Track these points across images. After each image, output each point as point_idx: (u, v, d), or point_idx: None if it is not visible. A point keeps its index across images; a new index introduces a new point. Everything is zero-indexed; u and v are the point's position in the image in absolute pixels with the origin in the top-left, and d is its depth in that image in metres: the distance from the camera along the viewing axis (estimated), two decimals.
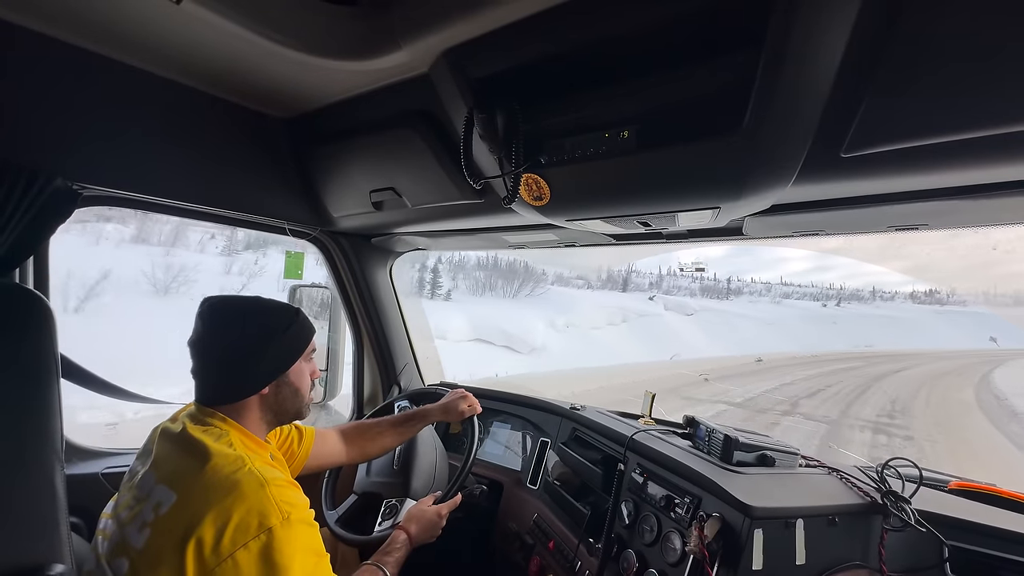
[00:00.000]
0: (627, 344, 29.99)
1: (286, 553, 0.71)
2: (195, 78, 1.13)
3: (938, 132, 0.66)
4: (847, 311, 63.42)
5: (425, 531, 1.14)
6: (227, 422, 0.87)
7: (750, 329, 42.55)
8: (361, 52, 0.91)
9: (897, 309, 73.61)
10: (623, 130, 0.79)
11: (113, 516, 0.82)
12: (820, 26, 0.61)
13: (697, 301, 47.44)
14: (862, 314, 63.70)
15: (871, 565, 0.98)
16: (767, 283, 65.43)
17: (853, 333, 52.62)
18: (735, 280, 62.08)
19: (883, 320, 62.98)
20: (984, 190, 0.79)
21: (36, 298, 0.95)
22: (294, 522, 0.74)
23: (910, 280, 77.26)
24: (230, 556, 0.69)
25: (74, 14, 0.89)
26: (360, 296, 1.92)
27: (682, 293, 52.12)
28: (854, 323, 57.40)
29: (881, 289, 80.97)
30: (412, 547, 1.10)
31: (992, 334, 63.82)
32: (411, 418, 1.37)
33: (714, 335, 38.07)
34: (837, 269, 63.37)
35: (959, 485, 1.17)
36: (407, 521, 1.14)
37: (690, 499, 1.05)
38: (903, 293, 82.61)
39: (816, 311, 58.48)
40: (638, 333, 33.30)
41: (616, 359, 23.31)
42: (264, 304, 0.93)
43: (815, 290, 70.63)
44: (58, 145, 1.05)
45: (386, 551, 1.05)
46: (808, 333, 46.88)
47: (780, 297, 60.11)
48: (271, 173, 1.42)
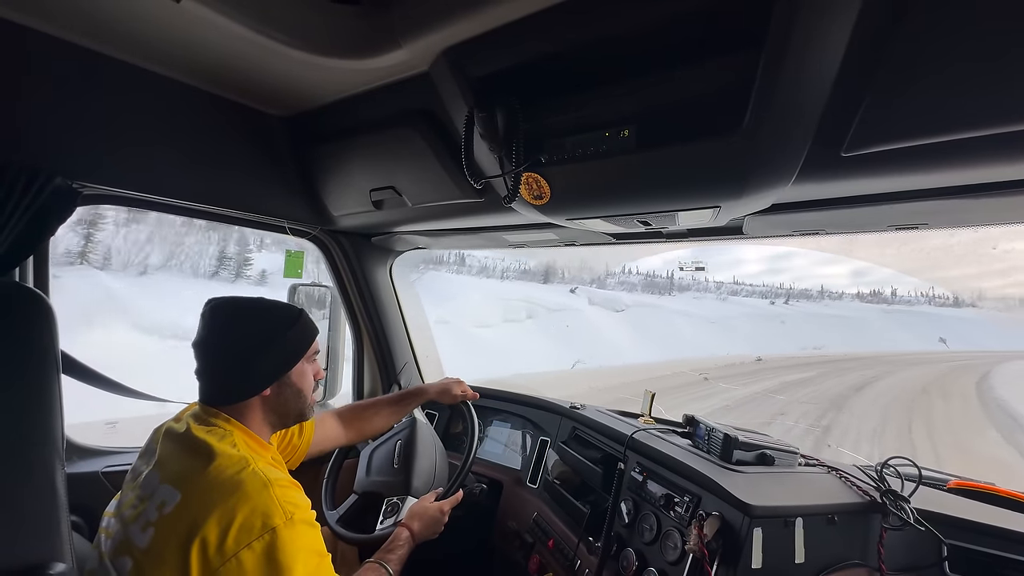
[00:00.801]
0: (526, 345, 23.48)
1: (289, 553, 0.72)
2: (196, 77, 1.13)
3: (938, 131, 0.66)
4: (796, 309, 58.89)
5: (427, 528, 1.14)
6: (231, 423, 0.88)
7: (688, 328, 36.83)
8: (361, 51, 0.91)
9: (846, 308, 68.57)
10: (623, 129, 0.79)
11: (116, 515, 0.83)
12: (821, 26, 0.61)
13: (634, 296, 42.10)
14: (811, 313, 58.19)
15: (870, 564, 0.98)
16: (719, 282, 61.00)
17: (802, 333, 47.74)
18: (687, 278, 56.32)
19: (833, 319, 57.05)
20: (984, 189, 0.79)
21: (37, 296, 0.95)
22: (297, 522, 0.75)
23: (858, 281, 76.38)
24: (234, 556, 0.70)
25: (75, 13, 0.89)
26: (360, 295, 1.92)
27: (621, 288, 45.82)
28: (803, 322, 51.96)
29: (829, 289, 76.12)
30: (415, 544, 1.10)
31: (941, 335, 60.88)
32: (406, 396, 1.41)
33: (644, 335, 31.92)
34: (790, 271, 62.29)
35: (958, 484, 1.17)
36: (409, 518, 1.14)
37: (690, 498, 1.05)
38: (850, 293, 78.64)
39: (764, 309, 53.56)
40: (546, 332, 26.55)
41: (497, 366, 17.27)
42: (267, 305, 0.93)
43: (765, 288, 66.65)
44: (58, 144, 1.05)
45: (389, 548, 1.05)
46: (754, 333, 42.27)
47: (727, 294, 54.74)
48: (271, 172, 1.42)
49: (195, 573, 0.69)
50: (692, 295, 50.67)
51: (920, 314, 77.76)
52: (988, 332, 77.46)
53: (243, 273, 21.55)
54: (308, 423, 1.22)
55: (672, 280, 51.27)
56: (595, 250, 1.53)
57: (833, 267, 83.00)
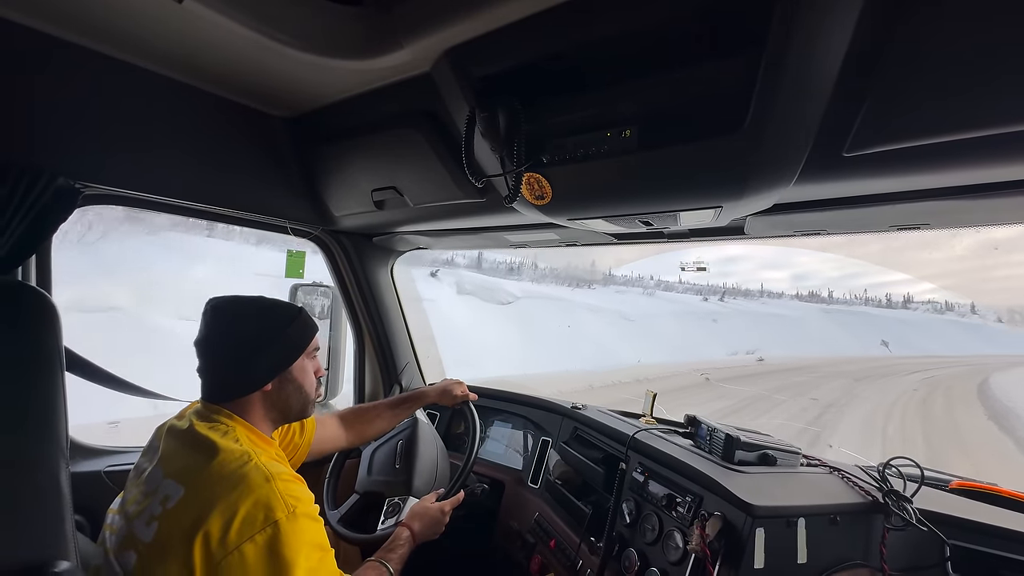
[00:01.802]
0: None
1: (291, 547, 0.72)
2: (197, 77, 1.13)
3: (940, 132, 0.66)
4: (730, 307, 50.24)
5: (428, 528, 1.14)
6: (233, 419, 0.89)
7: (594, 325, 27.59)
8: (363, 51, 0.92)
9: (784, 307, 61.47)
10: (625, 129, 0.79)
11: (120, 511, 0.84)
12: (822, 27, 0.61)
13: (538, 287, 31.93)
14: (747, 311, 50.06)
15: (872, 564, 0.98)
16: (658, 280, 52.16)
17: (735, 334, 39.80)
18: (613, 272, 47.58)
19: (770, 318, 49.80)
20: (986, 190, 0.79)
21: (40, 295, 0.95)
22: (299, 516, 0.75)
23: (798, 284, 73.01)
24: (236, 548, 0.70)
25: (76, 13, 0.89)
26: (361, 295, 1.92)
27: (532, 277, 34.96)
28: (737, 320, 44.43)
29: (769, 288, 70.27)
30: (415, 544, 1.10)
31: (882, 337, 56.63)
32: (407, 399, 1.42)
33: (528, 334, 22.00)
34: (736, 275, 58.81)
35: (960, 484, 1.17)
36: (410, 518, 1.14)
37: (692, 498, 1.05)
38: (789, 294, 73.17)
39: (695, 306, 44.36)
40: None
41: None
42: (266, 303, 0.95)
43: (700, 284, 58.46)
44: (60, 144, 1.06)
45: (390, 548, 1.06)
46: (677, 333, 33.72)
47: (655, 288, 45.32)
48: (273, 172, 1.42)
49: (198, 565, 0.70)
50: (615, 289, 41.17)
51: (859, 314, 72.30)
52: (927, 334, 72.36)
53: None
54: (310, 423, 1.23)
55: (595, 271, 41.35)
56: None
57: (775, 271, 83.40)
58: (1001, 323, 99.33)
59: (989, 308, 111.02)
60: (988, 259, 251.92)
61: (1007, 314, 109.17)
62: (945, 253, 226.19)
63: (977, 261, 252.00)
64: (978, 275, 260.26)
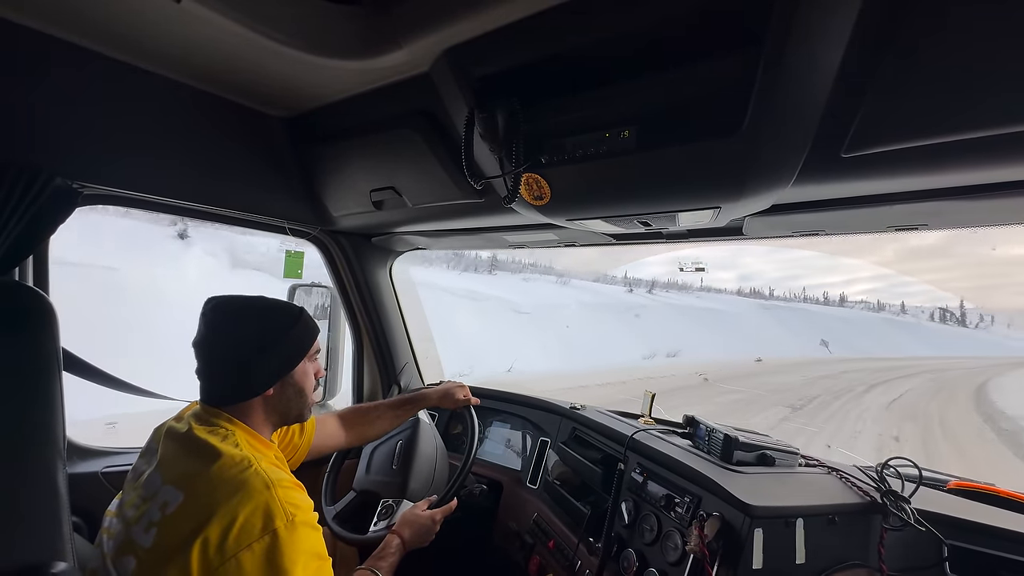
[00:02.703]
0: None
1: (289, 556, 0.72)
2: (195, 77, 1.13)
3: (938, 132, 0.66)
4: (659, 300, 42.82)
5: (418, 536, 1.13)
6: (233, 422, 0.87)
7: (467, 318, 20.12)
8: (362, 51, 0.91)
9: (721, 301, 53.95)
10: (624, 130, 0.79)
11: (118, 515, 0.83)
12: (820, 27, 0.61)
13: (415, 269, 14.70)
14: (678, 304, 42.71)
15: (871, 564, 0.98)
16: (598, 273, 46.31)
17: (658, 332, 31.15)
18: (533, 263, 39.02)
19: (702, 313, 42.63)
20: (984, 190, 0.79)
21: (37, 296, 0.95)
22: (298, 525, 0.75)
23: (743, 283, 69.91)
24: (234, 556, 0.70)
25: (74, 13, 0.89)
26: (360, 295, 1.92)
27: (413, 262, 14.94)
28: (664, 315, 36.57)
29: (710, 285, 64.31)
30: (405, 552, 1.10)
31: (822, 336, 51.65)
32: (409, 401, 1.40)
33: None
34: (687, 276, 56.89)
35: (958, 485, 1.17)
36: (400, 526, 1.13)
37: (690, 498, 1.05)
38: (731, 290, 68.26)
39: (617, 297, 38.02)
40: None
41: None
42: (268, 304, 0.93)
43: (630, 276, 51.99)
44: (58, 144, 1.05)
45: (380, 556, 1.05)
46: (586, 330, 25.92)
47: (569, 278, 38.07)
48: (271, 172, 1.42)
49: (196, 572, 0.69)
50: (523, 277, 33.62)
51: (799, 310, 65.77)
52: (867, 333, 66.50)
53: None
54: (310, 423, 1.22)
55: (495, 261, 32.92)
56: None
57: (725, 272, 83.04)
58: (933, 321, 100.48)
59: (916, 308, 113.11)
60: (908, 264, 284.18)
61: (938, 312, 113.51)
62: (878, 257, 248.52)
63: (901, 266, 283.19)
64: (902, 279, 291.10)
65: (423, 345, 2.11)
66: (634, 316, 33.65)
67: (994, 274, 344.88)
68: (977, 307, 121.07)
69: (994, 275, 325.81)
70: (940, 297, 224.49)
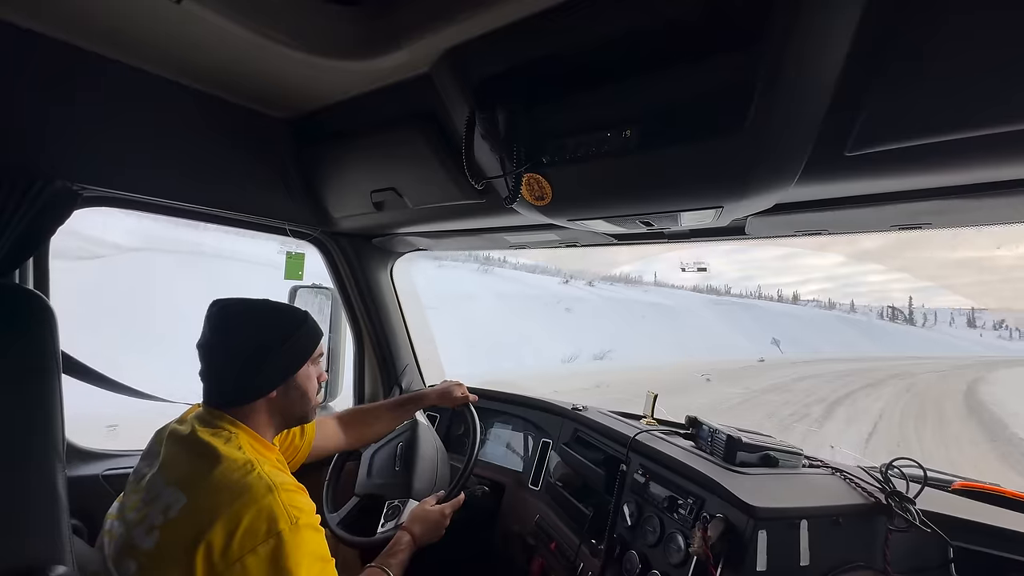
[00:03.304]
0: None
1: (294, 559, 0.72)
2: (196, 78, 1.13)
3: (943, 130, 0.66)
4: (598, 292, 37.80)
5: (429, 531, 1.13)
6: (236, 425, 0.88)
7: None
8: (362, 52, 0.91)
9: (670, 296, 47.60)
10: (625, 129, 0.78)
11: (119, 517, 0.83)
12: (823, 25, 0.61)
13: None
14: (620, 299, 37.52)
15: (876, 566, 0.98)
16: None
17: (587, 328, 26.61)
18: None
19: (648, 308, 37.39)
20: (990, 189, 0.79)
21: (37, 298, 0.95)
22: (302, 527, 0.75)
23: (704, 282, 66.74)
24: (239, 560, 0.70)
25: (74, 14, 0.89)
26: (361, 297, 1.91)
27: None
28: (598, 310, 31.47)
29: (664, 280, 58.85)
30: (416, 548, 1.10)
31: (774, 334, 45.95)
32: (407, 401, 1.42)
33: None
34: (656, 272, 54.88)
35: (964, 485, 1.16)
36: (411, 522, 1.14)
37: (693, 500, 1.04)
38: (687, 285, 63.67)
39: (550, 289, 32.43)
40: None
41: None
42: (273, 307, 0.93)
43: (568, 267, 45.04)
44: (57, 146, 1.05)
45: (390, 553, 1.05)
46: (499, 327, 20.97)
47: (493, 266, 31.64)
48: (272, 174, 1.42)
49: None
50: (438, 264, 25.76)
51: (751, 307, 59.72)
52: (816, 330, 60.86)
53: None
54: (310, 425, 1.22)
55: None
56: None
57: (687, 273, 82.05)
58: (883, 319, 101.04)
59: (865, 306, 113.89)
60: (859, 266, 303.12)
61: (888, 310, 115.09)
62: (831, 260, 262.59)
63: (852, 268, 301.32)
64: (853, 280, 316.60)
65: (424, 346, 2.10)
66: (564, 311, 28.20)
67: (934, 276, 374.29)
68: (920, 306, 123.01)
69: (933, 277, 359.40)
70: (887, 296, 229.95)
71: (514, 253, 19.31)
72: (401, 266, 2.03)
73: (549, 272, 39.80)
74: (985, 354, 58.29)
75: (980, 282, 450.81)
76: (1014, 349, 76.94)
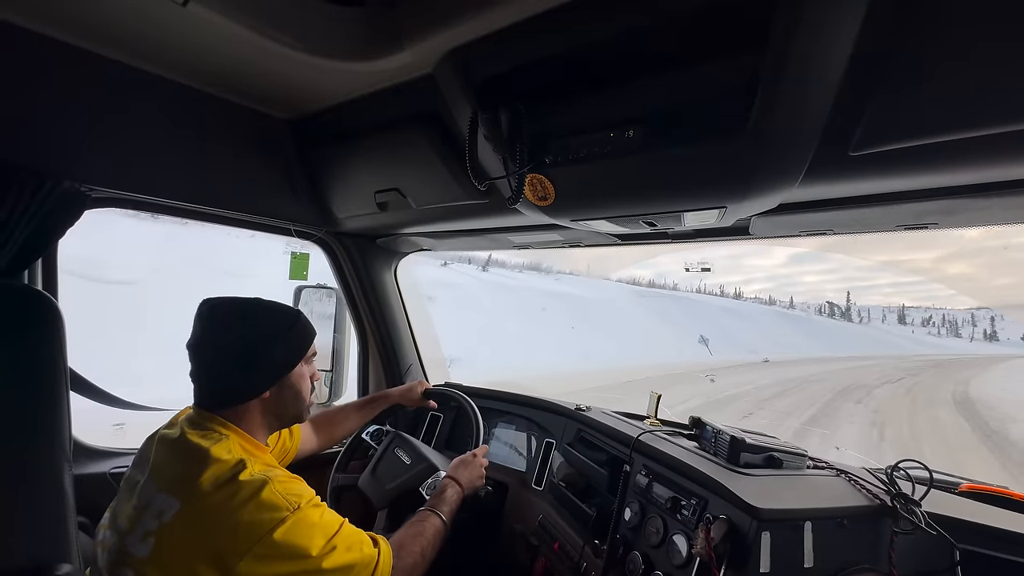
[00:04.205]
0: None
1: (305, 534, 0.74)
2: (201, 80, 1.13)
3: (948, 130, 0.65)
4: (492, 278, 31.60)
5: (473, 474, 1.21)
6: (227, 426, 0.86)
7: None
8: (365, 53, 0.92)
9: (589, 287, 41.36)
10: (629, 129, 0.78)
11: (111, 527, 0.81)
12: (827, 25, 0.61)
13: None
14: (513, 286, 31.78)
15: (881, 569, 0.97)
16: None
17: (458, 322, 21.86)
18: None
19: (550, 298, 32.23)
20: (996, 188, 0.78)
21: (45, 299, 0.96)
22: (304, 508, 0.76)
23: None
24: (248, 553, 0.70)
25: (80, 17, 0.90)
26: (365, 297, 1.92)
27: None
28: (478, 298, 26.05)
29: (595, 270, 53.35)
30: (464, 494, 1.15)
31: (703, 332, 40.19)
32: (373, 400, 1.49)
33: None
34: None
35: (970, 487, 1.15)
36: (453, 470, 1.18)
37: (696, 501, 1.04)
38: (614, 277, 57.50)
39: (427, 275, 25.01)
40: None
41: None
42: (265, 306, 0.92)
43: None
44: (65, 148, 1.06)
45: (439, 498, 1.08)
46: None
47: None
48: (276, 174, 1.42)
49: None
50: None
51: (681, 299, 52.76)
52: (755, 325, 54.37)
53: None
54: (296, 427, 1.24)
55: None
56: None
57: (642, 270, 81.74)
58: (822, 315, 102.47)
59: (804, 304, 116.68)
60: (795, 267, 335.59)
61: (827, 307, 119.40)
62: (772, 261, 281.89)
63: (790, 269, 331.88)
64: (792, 279, 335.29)
65: (428, 346, 2.11)
66: (427, 299, 16.97)
67: (863, 277, 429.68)
68: (854, 304, 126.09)
69: (863, 278, 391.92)
70: (823, 294, 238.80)
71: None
72: (405, 266, 2.03)
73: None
74: (928, 353, 53.34)
75: (897, 283, 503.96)
76: (947, 346, 74.65)
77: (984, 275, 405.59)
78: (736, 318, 55.60)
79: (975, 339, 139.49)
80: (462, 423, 1.91)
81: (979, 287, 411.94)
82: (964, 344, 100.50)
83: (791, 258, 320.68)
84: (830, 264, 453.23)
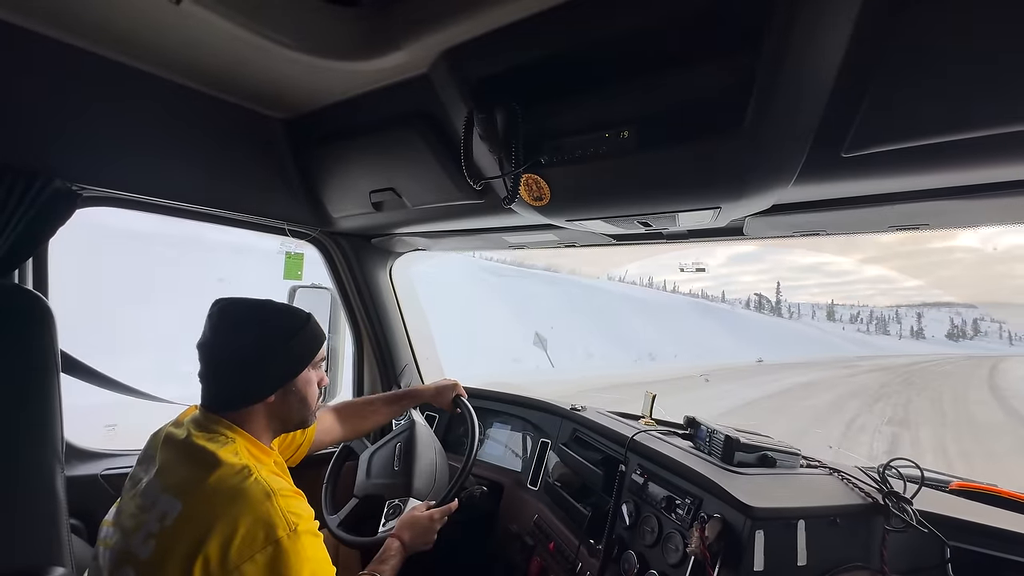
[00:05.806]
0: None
1: (293, 565, 0.72)
2: (195, 79, 1.13)
3: (939, 131, 0.66)
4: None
5: (419, 537, 1.12)
6: (233, 429, 0.86)
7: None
8: (361, 52, 0.91)
9: (546, 279, 39.44)
10: (623, 130, 0.78)
11: (115, 524, 0.81)
12: (821, 26, 0.61)
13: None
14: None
15: (873, 566, 0.98)
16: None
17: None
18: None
19: (506, 286, 31.92)
20: (985, 190, 0.79)
21: (36, 299, 0.95)
22: (301, 534, 0.75)
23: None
24: (236, 569, 0.69)
25: (74, 15, 0.89)
26: (360, 297, 1.91)
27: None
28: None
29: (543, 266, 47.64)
30: (406, 554, 1.09)
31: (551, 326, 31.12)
32: (403, 396, 1.44)
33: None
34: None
35: (960, 485, 1.16)
36: (400, 529, 1.12)
37: (691, 500, 1.04)
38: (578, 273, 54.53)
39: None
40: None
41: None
42: (275, 308, 0.91)
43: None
44: (57, 146, 1.05)
45: (381, 559, 1.04)
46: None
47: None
48: (271, 174, 1.42)
49: None
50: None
51: (596, 289, 47.84)
52: (692, 322, 50.56)
53: None
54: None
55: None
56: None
57: (593, 267, 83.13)
58: (749, 309, 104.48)
59: (735, 299, 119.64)
60: (734, 267, 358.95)
61: (754, 299, 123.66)
62: (716, 260, 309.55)
63: (730, 268, 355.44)
64: (730, 279, 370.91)
65: (423, 346, 2.10)
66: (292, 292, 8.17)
67: (794, 278, 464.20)
68: (785, 300, 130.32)
69: (793, 279, 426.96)
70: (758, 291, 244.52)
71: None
72: (400, 266, 2.03)
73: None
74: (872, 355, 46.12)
75: (824, 283, 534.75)
76: (884, 345, 73.59)
77: (899, 277, 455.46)
78: (667, 311, 50.13)
79: (903, 337, 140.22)
80: (456, 424, 1.91)
81: (894, 288, 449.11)
82: (896, 342, 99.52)
83: (730, 259, 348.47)
84: (765, 264, 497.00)
